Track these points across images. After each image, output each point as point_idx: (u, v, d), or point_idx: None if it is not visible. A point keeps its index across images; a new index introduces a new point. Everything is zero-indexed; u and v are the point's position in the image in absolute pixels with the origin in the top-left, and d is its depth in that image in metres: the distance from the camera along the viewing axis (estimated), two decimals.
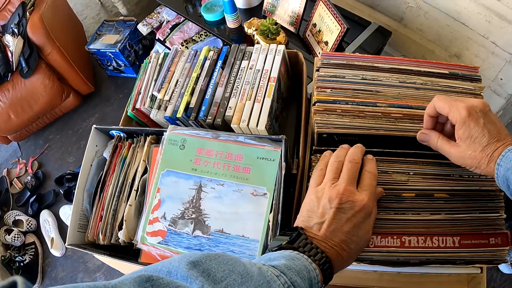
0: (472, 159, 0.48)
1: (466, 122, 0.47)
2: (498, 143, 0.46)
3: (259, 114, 0.68)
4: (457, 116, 0.48)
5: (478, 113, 0.47)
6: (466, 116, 0.47)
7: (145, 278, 0.34)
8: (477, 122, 0.47)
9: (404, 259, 0.54)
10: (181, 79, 0.77)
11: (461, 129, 0.48)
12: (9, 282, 0.24)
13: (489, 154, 0.46)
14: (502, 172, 0.45)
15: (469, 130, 0.48)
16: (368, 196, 0.50)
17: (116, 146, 0.74)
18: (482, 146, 0.47)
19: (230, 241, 0.59)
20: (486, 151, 0.47)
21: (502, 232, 0.54)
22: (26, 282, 0.24)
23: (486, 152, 0.47)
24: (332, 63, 0.66)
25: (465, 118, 0.47)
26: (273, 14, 1.57)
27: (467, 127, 0.48)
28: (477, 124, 0.47)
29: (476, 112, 0.47)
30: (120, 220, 0.68)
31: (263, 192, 0.60)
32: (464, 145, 0.49)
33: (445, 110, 0.50)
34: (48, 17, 2.00)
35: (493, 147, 0.46)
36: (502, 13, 1.19)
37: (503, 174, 0.45)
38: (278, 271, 0.42)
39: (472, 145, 0.48)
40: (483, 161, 0.47)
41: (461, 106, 0.48)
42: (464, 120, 0.47)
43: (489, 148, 0.46)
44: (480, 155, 0.47)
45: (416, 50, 1.59)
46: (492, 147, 0.46)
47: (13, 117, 2.09)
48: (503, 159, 0.45)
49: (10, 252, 1.92)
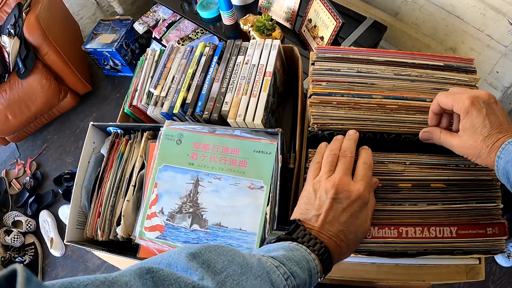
0: (473, 149, 0.48)
1: (469, 112, 0.48)
2: (500, 135, 0.46)
3: (255, 108, 0.68)
4: (461, 106, 0.48)
5: (481, 103, 0.48)
6: (469, 105, 0.48)
7: (145, 270, 0.34)
8: (480, 112, 0.47)
9: (401, 250, 0.54)
10: (177, 75, 0.77)
11: (464, 118, 0.48)
12: (8, 271, 0.24)
13: (489, 145, 0.47)
14: (502, 164, 0.45)
15: (471, 120, 0.48)
16: (363, 186, 0.50)
17: (113, 142, 0.74)
18: (483, 136, 0.47)
19: (228, 235, 0.60)
20: (486, 141, 0.47)
21: (499, 222, 0.54)
22: (26, 270, 0.24)
23: (487, 142, 0.47)
24: (327, 56, 0.66)
25: (468, 107, 0.48)
26: (268, 10, 1.58)
27: (469, 116, 0.48)
28: (480, 114, 0.47)
29: (479, 102, 0.48)
30: (118, 215, 0.68)
31: (260, 185, 0.60)
32: (466, 135, 0.49)
33: (449, 103, 0.50)
34: (44, 17, 1.99)
35: (494, 138, 0.46)
36: (496, 6, 1.20)
37: (503, 166, 0.45)
38: (278, 262, 0.42)
39: (473, 135, 0.48)
40: (484, 151, 0.47)
41: (465, 97, 0.48)
42: (467, 110, 0.48)
43: (490, 139, 0.47)
44: (481, 145, 0.47)
45: (412, 45, 1.59)
46: (493, 138, 0.46)
47: (11, 118, 2.08)
48: (503, 152, 0.45)
49: (10, 253, 1.91)
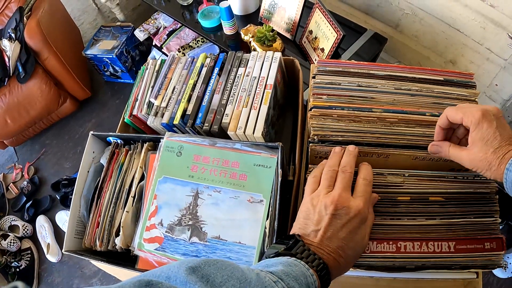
0: (483, 161, 0.48)
1: (480, 124, 0.48)
2: (510, 146, 0.46)
3: (256, 121, 0.68)
4: (472, 118, 0.48)
5: (492, 116, 0.48)
6: (480, 117, 0.47)
7: (145, 283, 0.34)
8: (491, 124, 0.47)
9: (400, 265, 0.54)
10: (178, 86, 0.77)
11: (475, 131, 0.48)
12: None
13: (500, 156, 0.46)
14: (511, 176, 0.45)
15: (482, 132, 0.48)
16: (363, 202, 0.50)
17: (113, 152, 0.74)
18: (493, 148, 0.47)
19: (227, 248, 0.60)
20: (497, 153, 0.47)
21: (497, 237, 0.54)
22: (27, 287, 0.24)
23: (497, 154, 0.47)
24: (328, 70, 0.66)
25: (479, 119, 0.48)
26: (269, 21, 1.59)
27: (480, 128, 0.48)
28: (490, 126, 0.47)
29: (490, 115, 0.48)
30: (117, 226, 0.68)
31: (260, 199, 0.61)
32: (476, 148, 0.49)
33: (458, 117, 0.50)
34: (45, 22, 2.00)
35: (504, 149, 0.46)
36: (496, 19, 1.21)
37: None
38: (276, 277, 0.42)
39: (484, 147, 0.48)
40: (494, 163, 0.47)
41: (475, 110, 0.48)
42: (478, 122, 0.48)
43: (501, 151, 0.46)
44: (491, 157, 0.47)
45: (411, 57, 1.60)
46: (504, 150, 0.46)
47: (10, 122, 2.08)
48: None
49: (6, 258, 1.90)
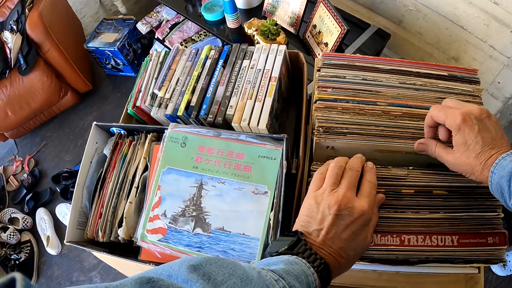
0: (467, 166, 0.48)
1: (461, 128, 0.47)
2: (492, 151, 0.46)
3: (260, 113, 0.68)
4: (453, 122, 0.48)
5: (473, 120, 0.47)
6: (461, 122, 0.47)
7: (146, 280, 0.34)
8: (472, 128, 0.47)
9: (403, 258, 0.54)
10: (182, 78, 0.77)
11: (457, 135, 0.48)
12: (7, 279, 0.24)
13: (482, 161, 0.46)
14: (496, 179, 0.45)
15: (463, 136, 0.47)
16: (367, 203, 0.50)
17: (116, 143, 0.74)
18: (475, 153, 0.47)
19: (231, 239, 0.60)
20: (479, 158, 0.47)
21: (500, 232, 0.54)
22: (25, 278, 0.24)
23: (480, 159, 0.47)
24: (333, 63, 0.66)
25: (460, 124, 0.47)
26: (273, 14, 1.58)
27: (462, 133, 0.48)
28: (472, 130, 0.47)
29: (471, 118, 0.47)
30: (120, 217, 0.68)
31: (264, 190, 0.61)
32: (459, 152, 0.49)
33: (441, 118, 0.50)
34: (47, 14, 1.99)
35: (486, 154, 0.46)
36: (500, 17, 1.21)
37: (496, 181, 0.44)
38: (277, 275, 0.42)
39: (466, 152, 0.48)
40: (477, 168, 0.47)
41: (457, 113, 0.48)
42: (459, 127, 0.47)
43: (483, 156, 0.46)
44: (474, 162, 0.47)
45: (414, 53, 1.60)
46: (486, 155, 0.46)
47: (10, 114, 2.08)
48: (497, 167, 0.44)
49: (5, 250, 1.90)
